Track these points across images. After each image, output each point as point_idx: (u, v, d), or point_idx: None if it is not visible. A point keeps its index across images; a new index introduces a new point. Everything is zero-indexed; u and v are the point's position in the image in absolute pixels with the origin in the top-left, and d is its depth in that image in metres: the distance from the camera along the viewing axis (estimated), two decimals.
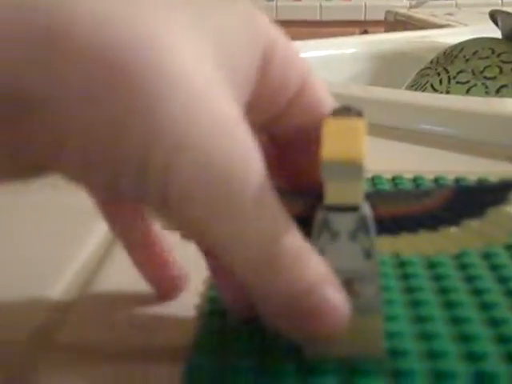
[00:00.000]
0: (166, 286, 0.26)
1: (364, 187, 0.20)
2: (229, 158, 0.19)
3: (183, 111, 0.18)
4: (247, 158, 0.19)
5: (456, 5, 2.32)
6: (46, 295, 0.26)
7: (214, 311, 0.24)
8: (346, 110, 0.21)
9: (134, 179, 0.18)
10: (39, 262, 0.28)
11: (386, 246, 0.22)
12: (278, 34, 0.22)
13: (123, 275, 0.26)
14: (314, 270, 0.20)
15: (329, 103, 0.23)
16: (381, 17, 1.55)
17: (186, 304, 0.25)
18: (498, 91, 0.69)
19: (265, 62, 0.21)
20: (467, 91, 0.70)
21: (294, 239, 0.20)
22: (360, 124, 0.20)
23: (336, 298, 0.20)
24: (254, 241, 0.19)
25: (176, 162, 0.18)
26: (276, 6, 2.45)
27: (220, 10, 0.21)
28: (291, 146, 0.24)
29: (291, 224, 0.20)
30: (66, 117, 0.17)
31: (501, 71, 0.70)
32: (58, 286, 0.27)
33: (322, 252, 0.20)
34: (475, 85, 0.70)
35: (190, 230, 0.20)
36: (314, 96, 0.23)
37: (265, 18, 0.22)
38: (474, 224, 0.21)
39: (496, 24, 0.79)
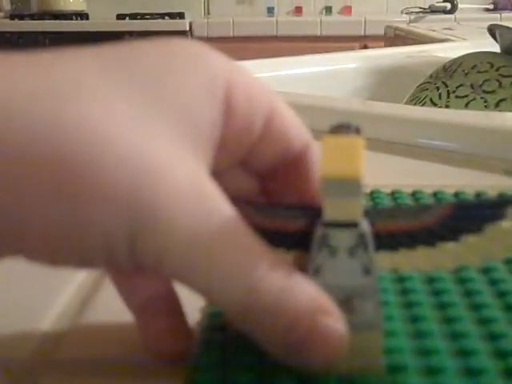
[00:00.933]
0: (165, 355, 0.23)
1: (363, 204, 0.20)
2: (195, 219, 0.19)
3: (137, 194, 0.18)
4: (213, 214, 0.19)
5: (455, 19, 2.34)
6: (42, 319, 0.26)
7: (213, 326, 0.24)
8: (344, 127, 0.22)
9: (104, 261, 0.19)
10: (31, 290, 0.28)
11: (385, 261, 0.22)
12: (234, 70, 0.22)
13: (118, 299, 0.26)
14: (300, 300, 0.20)
15: (297, 128, 0.23)
16: (380, 31, 1.56)
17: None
18: (497, 105, 0.70)
19: (227, 105, 0.21)
20: (466, 105, 0.71)
21: (275, 273, 0.20)
22: (358, 141, 0.21)
23: (327, 325, 0.20)
24: (235, 287, 0.19)
25: (144, 240, 0.19)
26: (276, 21, 2.47)
27: (170, 68, 0.20)
28: (274, 173, 0.24)
29: (270, 257, 0.20)
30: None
31: (500, 85, 0.70)
32: (51, 315, 0.27)
33: (320, 268, 0.20)
34: (474, 99, 0.71)
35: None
36: (282, 124, 0.23)
37: (216, 56, 0.22)
38: (472, 240, 0.22)
39: (495, 38, 0.79)
